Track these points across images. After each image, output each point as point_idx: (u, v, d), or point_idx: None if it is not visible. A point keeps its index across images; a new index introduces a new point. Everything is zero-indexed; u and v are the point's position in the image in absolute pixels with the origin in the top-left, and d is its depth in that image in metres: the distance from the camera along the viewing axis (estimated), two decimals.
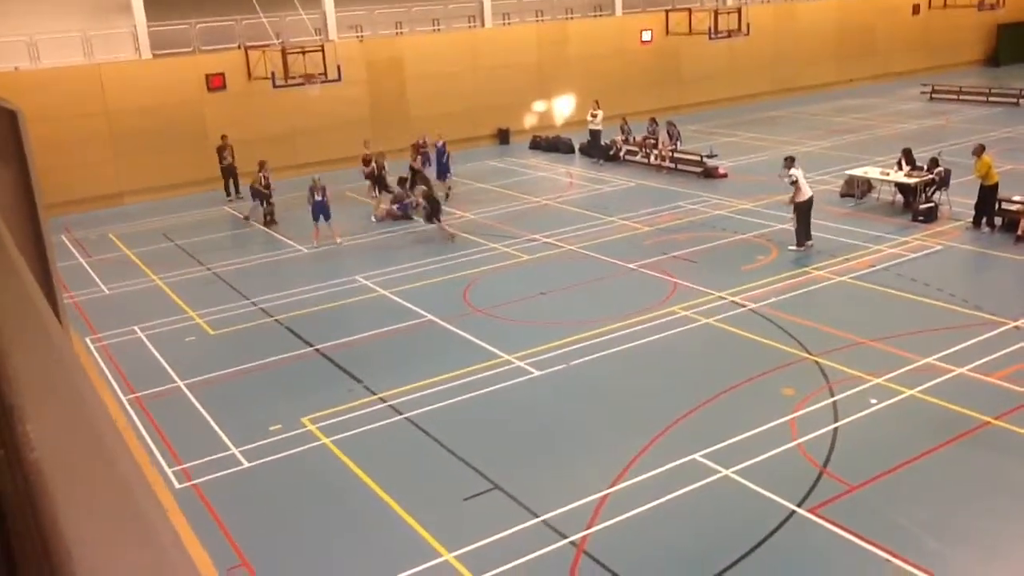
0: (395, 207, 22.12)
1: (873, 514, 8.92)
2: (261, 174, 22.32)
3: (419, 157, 23.04)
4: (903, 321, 13.88)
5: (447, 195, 23.61)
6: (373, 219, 22.14)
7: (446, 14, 32.53)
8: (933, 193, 19.82)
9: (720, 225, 19.80)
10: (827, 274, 16.19)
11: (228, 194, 25.77)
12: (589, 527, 8.97)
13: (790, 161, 17.91)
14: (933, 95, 36.76)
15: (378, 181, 22.89)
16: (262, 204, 22.46)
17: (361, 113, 29.21)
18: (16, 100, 3.30)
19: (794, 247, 17.59)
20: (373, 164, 22.89)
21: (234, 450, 11.02)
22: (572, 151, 30.06)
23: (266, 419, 11.75)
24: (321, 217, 20.16)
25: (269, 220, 22.48)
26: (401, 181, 22.50)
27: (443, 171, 24.54)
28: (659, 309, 14.89)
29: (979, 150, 18.15)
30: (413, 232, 21.09)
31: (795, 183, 17.48)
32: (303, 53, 24.76)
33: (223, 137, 25.45)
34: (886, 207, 20.68)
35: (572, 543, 8.72)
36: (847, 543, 8.48)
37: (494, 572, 8.36)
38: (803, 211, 17.60)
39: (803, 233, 17.66)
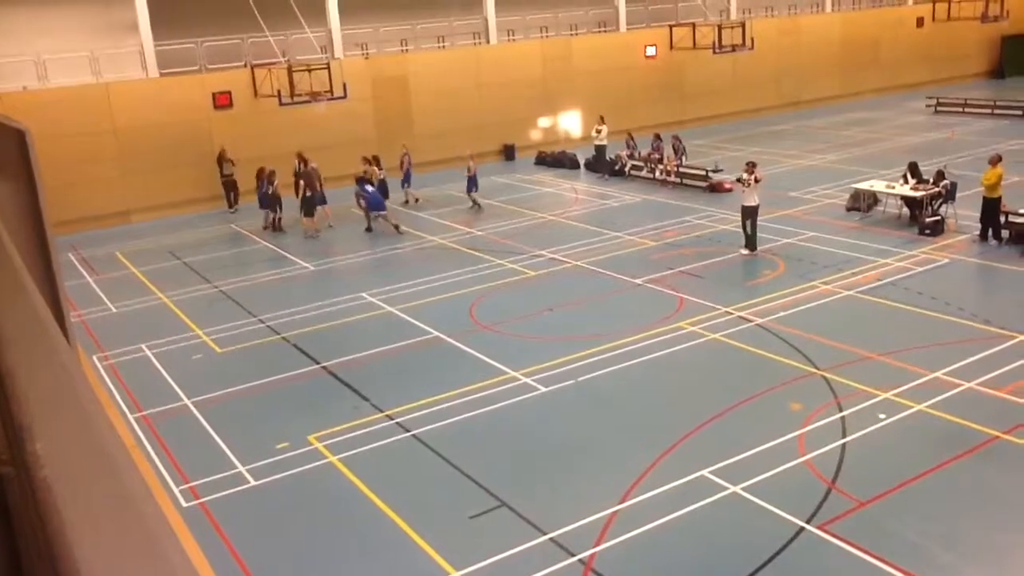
0: (362, 203, 22.79)
1: (882, 530, 8.87)
2: (266, 179, 23.44)
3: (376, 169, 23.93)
4: (910, 335, 13.83)
5: (477, 206, 24.78)
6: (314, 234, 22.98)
7: (451, 31, 32.69)
8: (939, 206, 19.79)
9: (726, 240, 19.79)
10: (834, 288, 16.16)
11: (230, 207, 26.71)
12: (597, 544, 8.93)
13: (751, 166, 18.58)
14: (938, 108, 36.79)
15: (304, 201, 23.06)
16: (275, 210, 23.45)
17: (367, 130, 29.36)
18: (24, 119, 3.32)
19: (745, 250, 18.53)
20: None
21: (241, 468, 11.01)
22: (577, 167, 30.13)
23: (273, 437, 11.74)
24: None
25: (277, 227, 23.60)
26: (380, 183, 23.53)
27: (470, 186, 24.71)
28: (666, 324, 14.87)
29: (995, 159, 18.13)
30: (419, 249, 21.13)
31: (747, 186, 18.35)
32: (309, 71, 24.91)
33: (222, 150, 26.22)
34: (892, 220, 20.66)
35: (580, 560, 8.68)
36: (857, 560, 8.42)
37: None
38: (748, 216, 18.40)
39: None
